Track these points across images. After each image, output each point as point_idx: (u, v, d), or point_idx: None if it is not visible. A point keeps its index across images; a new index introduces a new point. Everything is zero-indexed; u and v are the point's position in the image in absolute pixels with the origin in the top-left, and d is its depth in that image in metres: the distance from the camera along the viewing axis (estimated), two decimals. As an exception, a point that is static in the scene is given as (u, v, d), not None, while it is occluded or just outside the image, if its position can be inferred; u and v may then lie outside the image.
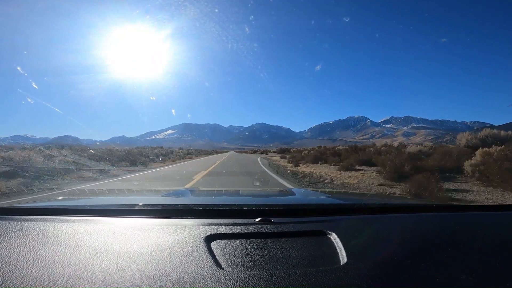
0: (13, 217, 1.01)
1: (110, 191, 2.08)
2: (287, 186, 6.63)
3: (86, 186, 6.97)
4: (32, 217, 1.02)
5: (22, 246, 0.78)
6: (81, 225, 0.96)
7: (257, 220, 0.97)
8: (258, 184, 6.72)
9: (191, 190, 2.00)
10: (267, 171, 11.35)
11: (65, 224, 0.96)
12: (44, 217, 1.02)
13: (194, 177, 8.83)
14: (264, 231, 0.90)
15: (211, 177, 8.89)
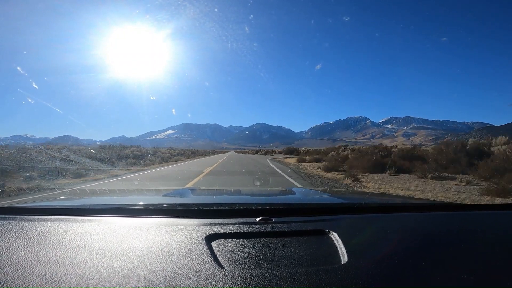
0: (14, 217, 1.01)
1: (111, 190, 2.08)
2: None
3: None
4: (33, 217, 1.02)
5: (24, 246, 0.78)
6: (82, 224, 0.96)
7: (257, 219, 0.97)
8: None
9: (191, 190, 2.00)
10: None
11: (66, 224, 0.96)
12: (45, 216, 1.02)
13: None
14: (265, 230, 0.90)
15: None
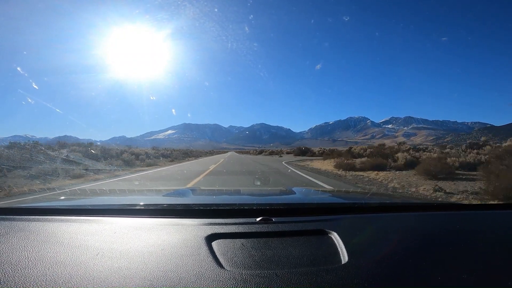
0: (14, 217, 1.01)
1: (111, 191, 2.08)
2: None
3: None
4: (34, 217, 1.02)
5: (24, 246, 0.78)
6: (82, 225, 0.96)
7: (258, 219, 0.97)
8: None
9: (192, 190, 2.00)
10: None
11: (66, 224, 0.96)
12: (46, 217, 1.02)
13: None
14: (265, 230, 0.90)
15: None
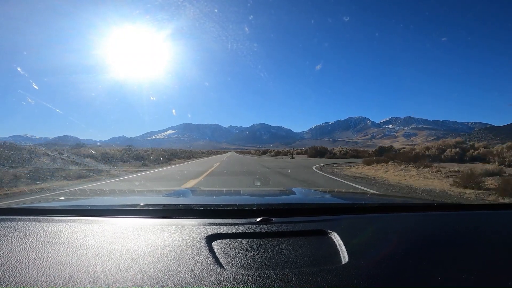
0: (14, 217, 1.01)
1: (111, 191, 2.08)
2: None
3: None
4: (34, 217, 1.02)
5: (24, 247, 0.78)
6: (82, 225, 0.96)
7: (258, 219, 0.97)
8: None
9: (192, 190, 2.00)
10: None
11: (66, 225, 0.96)
12: (46, 217, 1.02)
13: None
14: (265, 230, 0.90)
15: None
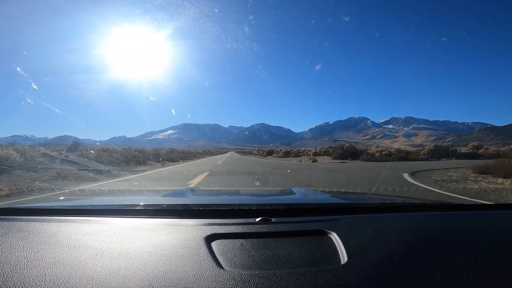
0: (14, 217, 1.01)
1: (110, 191, 2.08)
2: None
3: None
4: (33, 217, 1.02)
5: (23, 247, 0.78)
6: (81, 225, 0.96)
7: (257, 219, 0.97)
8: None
9: (191, 190, 2.00)
10: None
11: (65, 225, 0.96)
12: (45, 217, 1.02)
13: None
14: (265, 230, 0.90)
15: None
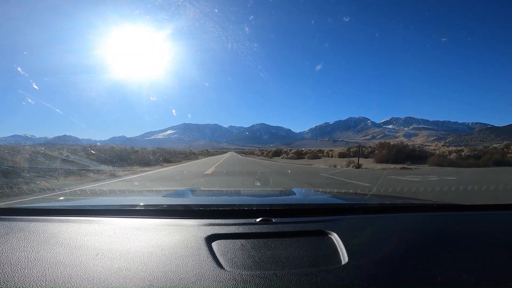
0: (14, 217, 1.01)
1: (111, 191, 2.08)
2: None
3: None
4: (34, 217, 1.02)
5: (24, 247, 0.78)
6: (82, 225, 0.96)
7: (258, 220, 0.97)
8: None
9: (192, 190, 2.00)
10: None
11: (66, 225, 0.96)
12: (45, 217, 1.02)
13: None
14: (265, 231, 0.90)
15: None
